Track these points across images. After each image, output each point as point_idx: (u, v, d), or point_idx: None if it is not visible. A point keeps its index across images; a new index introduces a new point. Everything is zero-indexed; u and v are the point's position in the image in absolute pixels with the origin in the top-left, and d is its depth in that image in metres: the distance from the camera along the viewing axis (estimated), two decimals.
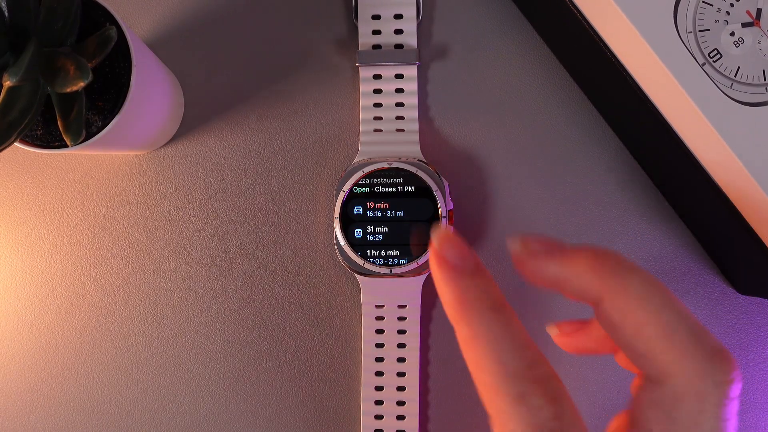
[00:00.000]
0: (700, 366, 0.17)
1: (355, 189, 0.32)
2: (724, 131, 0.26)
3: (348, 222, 0.32)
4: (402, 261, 0.32)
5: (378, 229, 0.32)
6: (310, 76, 0.35)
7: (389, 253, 0.32)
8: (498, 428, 0.17)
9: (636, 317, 0.17)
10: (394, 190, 0.32)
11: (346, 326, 0.35)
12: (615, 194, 0.34)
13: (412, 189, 0.32)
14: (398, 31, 0.34)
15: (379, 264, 0.32)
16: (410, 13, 0.34)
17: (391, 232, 0.32)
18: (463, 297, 0.18)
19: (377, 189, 0.32)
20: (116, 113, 0.27)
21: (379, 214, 0.32)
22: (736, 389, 0.17)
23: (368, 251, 0.32)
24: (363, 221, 0.32)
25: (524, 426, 0.16)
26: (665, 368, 0.17)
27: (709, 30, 0.27)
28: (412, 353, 0.33)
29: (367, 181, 0.32)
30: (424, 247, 0.32)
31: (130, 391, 0.35)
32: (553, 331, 0.23)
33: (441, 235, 0.19)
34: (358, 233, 0.32)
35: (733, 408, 0.17)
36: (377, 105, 0.34)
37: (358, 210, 0.32)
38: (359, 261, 0.32)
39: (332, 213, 0.35)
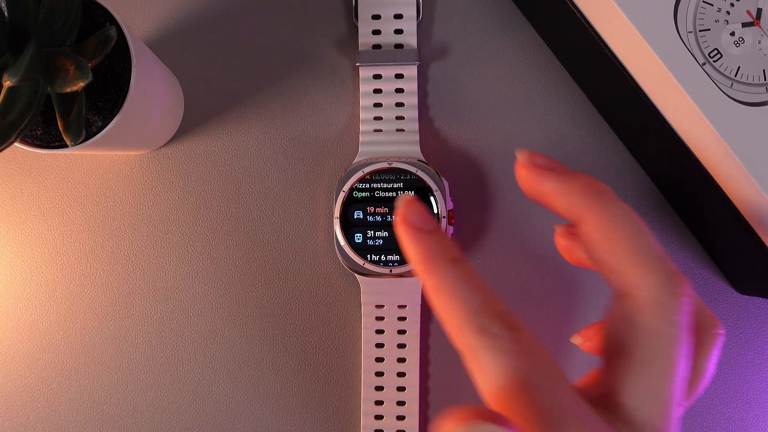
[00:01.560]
0: (660, 281, 0.20)
1: (355, 189, 0.32)
2: (724, 131, 0.26)
3: (348, 222, 0.32)
4: (402, 261, 0.32)
5: (378, 229, 0.32)
6: (310, 76, 0.35)
7: (389, 253, 0.32)
8: (469, 361, 0.20)
9: (613, 236, 0.21)
10: (394, 190, 0.32)
11: (346, 326, 0.35)
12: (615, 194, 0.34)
13: (412, 189, 0.32)
14: (398, 31, 0.34)
15: (379, 264, 0.32)
16: (410, 12, 0.34)
17: (390, 231, 0.32)
18: (428, 252, 0.21)
19: (377, 189, 0.32)
20: (116, 113, 0.27)
21: (378, 217, 0.32)
22: (689, 304, 0.20)
23: (368, 251, 0.32)
24: (363, 221, 0.32)
25: (488, 351, 0.19)
26: (632, 281, 0.20)
27: (709, 30, 0.27)
28: (412, 353, 0.33)
29: (368, 181, 0.32)
30: None
31: (130, 391, 0.35)
32: (576, 340, 0.26)
33: (405, 201, 0.22)
34: (357, 233, 0.32)
35: (687, 320, 0.20)
36: (377, 105, 0.34)
37: (357, 210, 0.32)
38: (359, 261, 0.32)
39: (332, 213, 0.35)
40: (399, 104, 0.34)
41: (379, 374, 0.33)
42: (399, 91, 0.34)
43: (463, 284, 0.20)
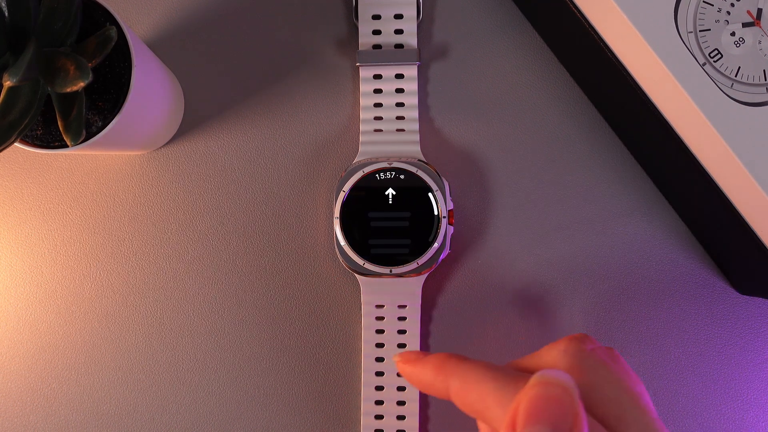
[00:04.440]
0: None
1: (355, 189, 0.32)
2: (724, 131, 0.26)
3: (348, 222, 0.32)
4: (402, 261, 0.32)
5: (378, 228, 0.32)
6: (310, 76, 0.35)
7: (389, 252, 0.32)
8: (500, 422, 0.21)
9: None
10: (394, 190, 0.32)
11: (346, 326, 0.35)
12: (615, 194, 0.34)
13: (412, 189, 0.32)
14: (398, 31, 0.34)
15: (379, 264, 0.32)
16: (410, 12, 0.34)
17: (391, 231, 0.32)
18: (443, 364, 0.23)
19: (377, 189, 0.32)
20: (116, 113, 0.27)
21: (379, 213, 0.32)
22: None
23: (368, 251, 0.32)
24: (363, 221, 0.32)
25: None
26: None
27: (709, 30, 0.27)
28: None
29: (368, 181, 0.32)
30: (424, 247, 0.32)
31: (130, 391, 0.35)
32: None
33: (397, 355, 0.25)
34: (358, 233, 0.32)
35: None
36: (377, 105, 0.34)
37: (358, 210, 0.32)
38: (359, 261, 0.32)
39: (332, 213, 0.35)
40: (399, 104, 0.34)
41: (379, 374, 0.33)
42: (399, 91, 0.34)
43: (485, 371, 0.22)
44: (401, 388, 0.33)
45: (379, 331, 0.33)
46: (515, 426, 0.19)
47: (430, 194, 0.32)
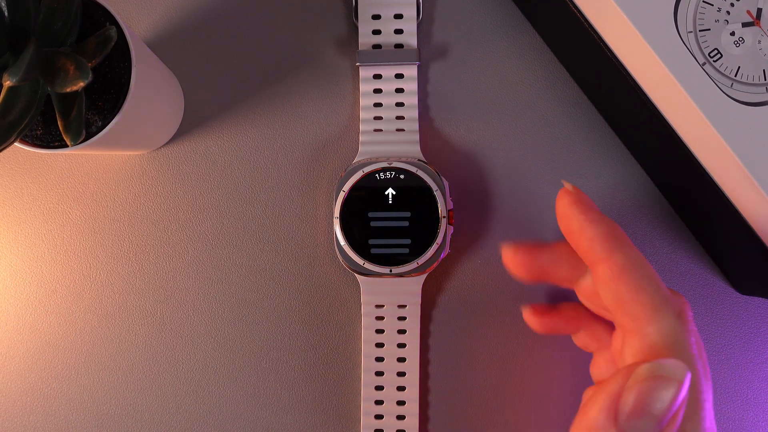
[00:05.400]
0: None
1: (355, 189, 0.32)
2: (724, 131, 0.26)
3: (348, 222, 0.32)
4: (402, 261, 0.32)
5: (378, 228, 0.32)
6: (310, 76, 0.35)
7: (389, 252, 0.32)
8: (634, 333, 0.21)
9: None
10: (394, 189, 0.32)
11: (346, 326, 0.35)
12: (615, 194, 0.35)
13: (412, 189, 0.32)
14: (398, 31, 0.34)
15: (379, 264, 0.32)
16: (410, 12, 0.34)
17: (391, 231, 0.32)
18: (615, 233, 0.22)
19: (377, 188, 0.32)
20: (116, 113, 0.27)
21: (379, 213, 0.32)
22: (691, 322, 0.23)
23: (368, 251, 0.32)
24: (363, 221, 0.32)
25: (657, 328, 0.21)
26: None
27: (709, 30, 0.27)
28: (412, 353, 0.33)
29: (368, 181, 0.32)
30: (424, 247, 0.32)
31: (130, 391, 0.35)
32: (526, 311, 0.27)
33: (572, 186, 0.24)
34: (358, 233, 0.32)
35: (694, 335, 0.22)
36: (377, 105, 0.34)
37: (358, 210, 0.32)
38: (359, 261, 0.32)
39: (332, 213, 0.35)
40: (399, 104, 0.34)
41: (379, 374, 0.33)
42: (399, 91, 0.34)
43: (645, 265, 0.22)
44: (401, 388, 0.33)
45: (379, 331, 0.33)
46: (617, 413, 0.19)
47: (430, 194, 0.32)
